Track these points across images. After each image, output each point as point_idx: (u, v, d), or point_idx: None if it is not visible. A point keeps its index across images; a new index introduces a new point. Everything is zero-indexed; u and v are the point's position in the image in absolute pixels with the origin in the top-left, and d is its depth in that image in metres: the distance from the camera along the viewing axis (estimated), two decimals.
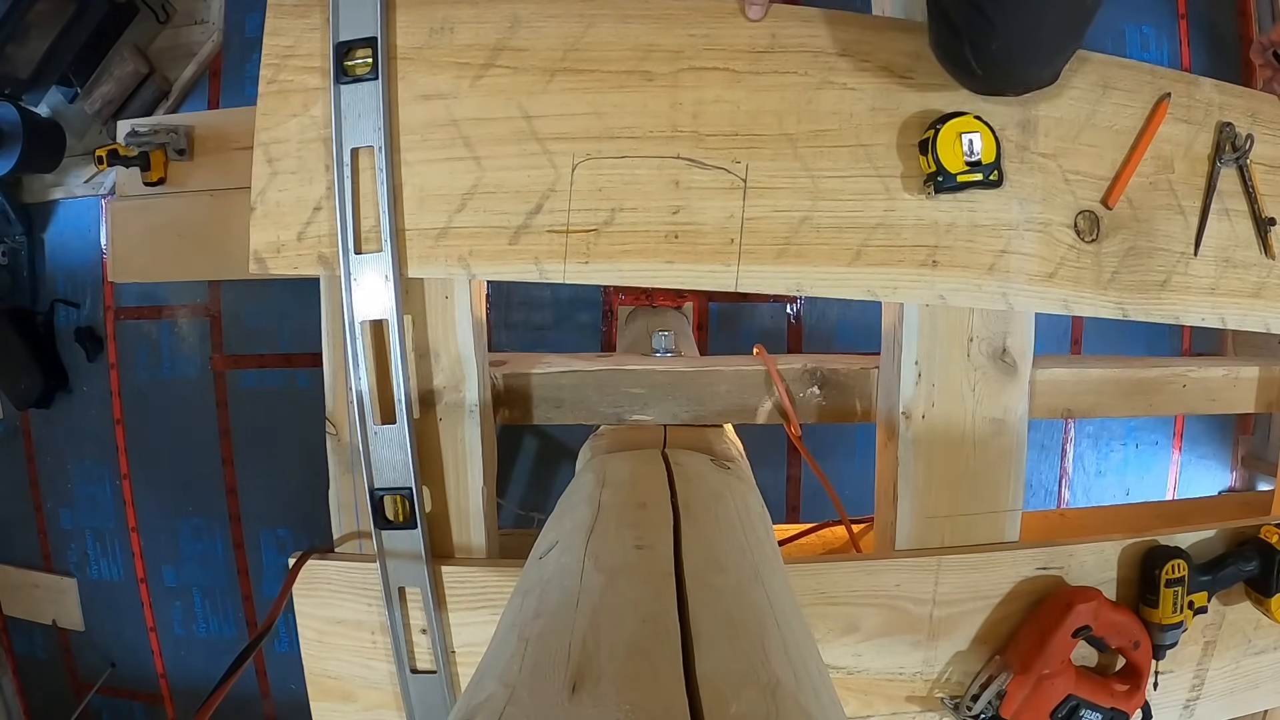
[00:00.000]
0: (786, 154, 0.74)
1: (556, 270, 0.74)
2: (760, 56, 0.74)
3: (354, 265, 0.73)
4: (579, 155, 0.73)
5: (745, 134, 0.74)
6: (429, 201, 0.73)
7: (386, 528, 0.76)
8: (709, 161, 0.74)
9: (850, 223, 0.75)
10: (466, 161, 0.73)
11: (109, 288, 2.68)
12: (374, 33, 0.71)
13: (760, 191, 0.74)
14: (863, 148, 0.75)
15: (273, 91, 0.73)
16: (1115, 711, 0.79)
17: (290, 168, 0.73)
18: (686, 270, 0.74)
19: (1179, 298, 0.84)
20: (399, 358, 0.73)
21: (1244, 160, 0.85)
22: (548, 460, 2.52)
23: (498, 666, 0.34)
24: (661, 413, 0.88)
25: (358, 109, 0.72)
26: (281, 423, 2.60)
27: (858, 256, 0.75)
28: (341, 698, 0.81)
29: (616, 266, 0.74)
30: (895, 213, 0.76)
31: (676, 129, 0.73)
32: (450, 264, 0.74)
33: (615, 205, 0.73)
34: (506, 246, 0.73)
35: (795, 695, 0.32)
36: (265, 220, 0.74)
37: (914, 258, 0.76)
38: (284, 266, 0.74)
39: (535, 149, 0.73)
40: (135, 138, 1.95)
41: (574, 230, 0.73)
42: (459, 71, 0.73)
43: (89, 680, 2.85)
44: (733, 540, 0.53)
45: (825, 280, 0.75)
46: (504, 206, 0.73)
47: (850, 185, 0.75)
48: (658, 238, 0.74)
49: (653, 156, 0.73)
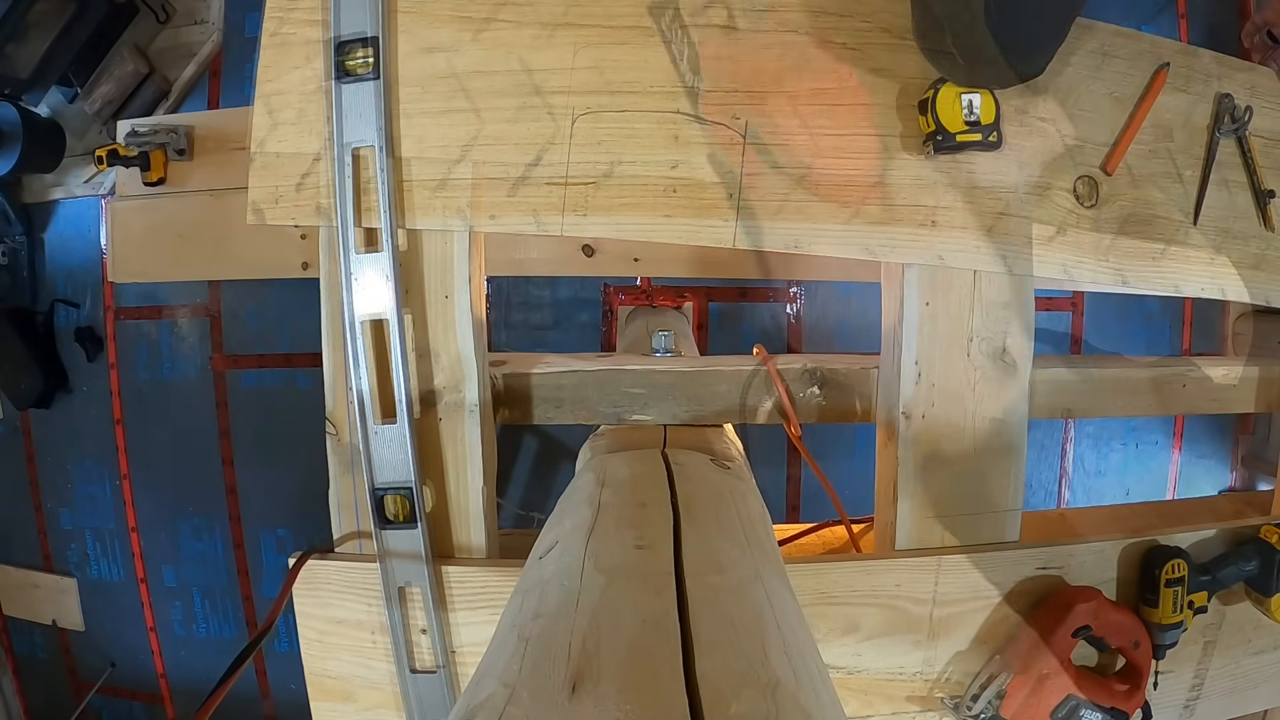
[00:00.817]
0: (786, 111, 0.75)
1: (554, 223, 0.74)
2: (762, 15, 0.75)
3: (354, 264, 0.73)
4: (579, 109, 0.73)
5: (745, 91, 0.74)
6: (428, 153, 0.73)
7: (387, 526, 0.76)
8: (709, 117, 0.74)
9: (849, 180, 0.75)
10: (467, 114, 0.73)
11: (109, 288, 2.68)
12: (375, 32, 0.71)
13: (759, 148, 0.74)
14: (862, 107, 0.75)
15: (275, 44, 0.74)
16: (1115, 711, 0.79)
17: (290, 119, 0.74)
18: (684, 225, 0.74)
19: (1179, 266, 0.84)
20: (399, 356, 0.73)
21: (1243, 132, 0.85)
22: (548, 460, 2.52)
23: (498, 666, 0.34)
24: (661, 413, 0.88)
25: (358, 108, 0.72)
26: (281, 423, 2.60)
27: (856, 214, 0.75)
28: (341, 698, 0.81)
29: (614, 220, 0.74)
30: (894, 172, 0.76)
31: (677, 84, 0.74)
32: (449, 216, 0.74)
33: (614, 159, 0.74)
34: (505, 198, 0.74)
35: (795, 695, 0.32)
36: (264, 171, 0.74)
37: (913, 217, 0.76)
38: (281, 217, 0.75)
39: (536, 102, 0.73)
40: (135, 138, 1.94)
41: (572, 183, 0.73)
42: (461, 25, 0.73)
43: (89, 680, 2.85)
44: (733, 540, 0.53)
45: (823, 237, 0.75)
46: (503, 158, 0.73)
47: (849, 144, 0.75)
48: (656, 192, 0.74)
49: (653, 111, 0.74)
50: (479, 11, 0.73)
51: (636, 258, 1.77)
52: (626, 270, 1.79)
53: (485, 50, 0.73)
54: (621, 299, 2.42)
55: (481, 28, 0.73)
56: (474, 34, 0.73)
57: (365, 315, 0.73)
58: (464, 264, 0.76)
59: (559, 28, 0.73)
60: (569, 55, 0.73)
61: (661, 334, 1.10)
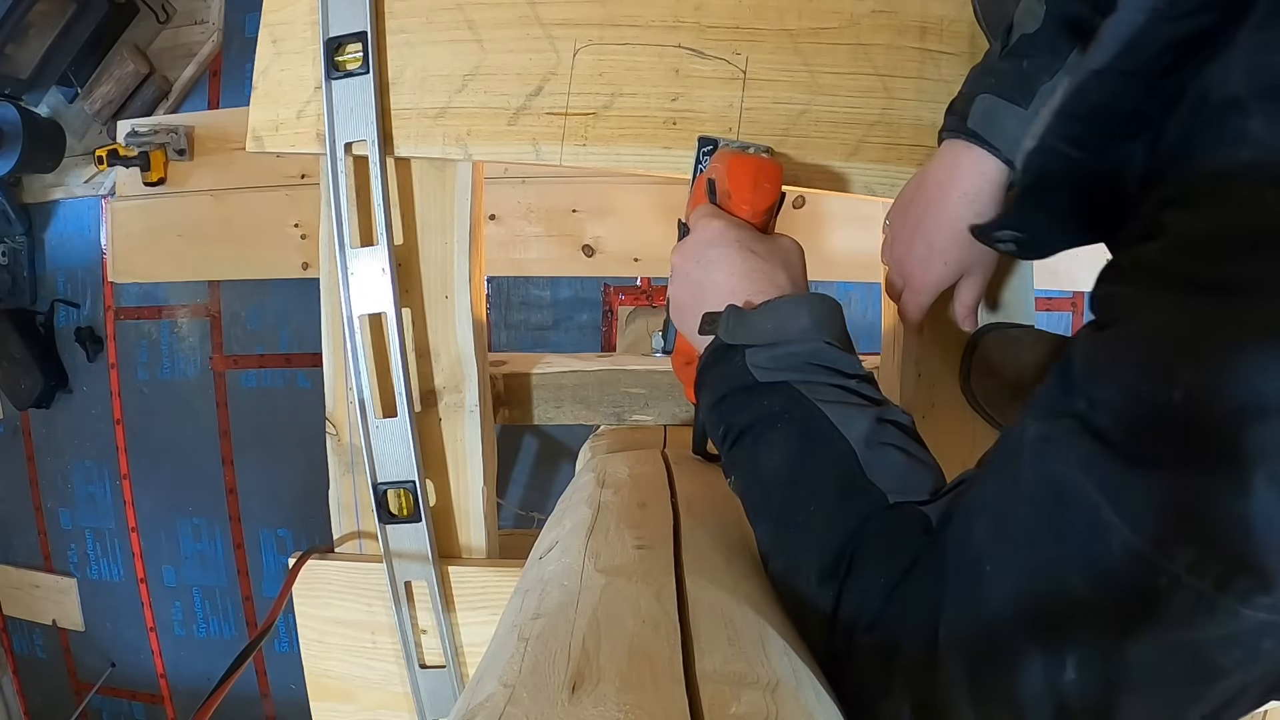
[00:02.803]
0: (787, 48, 0.75)
1: (553, 152, 0.74)
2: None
3: (350, 258, 0.73)
4: (581, 40, 0.74)
5: (746, 27, 0.74)
6: (430, 82, 0.74)
7: (390, 522, 0.76)
8: (710, 52, 0.74)
9: (849, 118, 0.75)
10: (469, 44, 0.74)
11: (109, 288, 2.69)
12: (364, 27, 0.72)
13: (759, 84, 0.74)
14: (862, 47, 0.75)
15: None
16: None
17: (294, 48, 0.75)
18: (683, 157, 0.74)
19: None
20: (398, 351, 0.73)
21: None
22: (548, 460, 2.52)
23: (497, 666, 0.34)
24: (661, 413, 0.88)
25: (349, 103, 0.72)
26: (281, 423, 2.60)
27: (855, 151, 0.76)
28: (341, 698, 0.81)
29: (614, 151, 0.74)
30: (894, 111, 0.76)
31: (678, 19, 0.74)
32: (448, 143, 0.74)
33: (615, 90, 0.74)
34: (505, 127, 0.74)
35: (795, 695, 0.32)
36: (265, 99, 0.76)
37: (913, 157, 0.76)
38: (281, 144, 0.75)
39: (538, 33, 0.74)
40: (135, 138, 1.95)
41: (573, 113, 0.74)
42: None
43: (89, 680, 2.85)
44: (733, 540, 0.53)
45: (822, 174, 0.76)
46: (504, 88, 0.74)
47: (849, 83, 0.75)
48: (656, 123, 0.74)
49: (654, 45, 0.74)
50: None
51: (637, 258, 1.77)
52: (626, 270, 1.79)
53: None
54: (621, 299, 2.42)
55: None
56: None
57: (363, 311, 0.73)
58: (465, 200, 0.76)
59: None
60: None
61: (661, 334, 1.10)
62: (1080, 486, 0.32)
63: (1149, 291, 0.34)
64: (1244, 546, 0.28)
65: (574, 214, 1.76)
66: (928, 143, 0.76)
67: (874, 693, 0.38)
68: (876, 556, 0.40)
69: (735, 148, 0.70)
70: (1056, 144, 0.45)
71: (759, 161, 0.60)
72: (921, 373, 0.80)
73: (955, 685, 0.35)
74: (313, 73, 0.74)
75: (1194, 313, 0.31)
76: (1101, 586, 0.31)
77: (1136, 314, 0.34)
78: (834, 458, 0.43)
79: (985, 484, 0.38)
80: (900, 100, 0.76)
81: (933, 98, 0.75)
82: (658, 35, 0.74)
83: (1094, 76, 0.42)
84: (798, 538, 0.43)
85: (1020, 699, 0.33)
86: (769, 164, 0.60)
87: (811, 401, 0.46)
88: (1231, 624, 0.28)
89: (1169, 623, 0.29)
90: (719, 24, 0.74)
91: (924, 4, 0.75)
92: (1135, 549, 0.30)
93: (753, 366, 0.48)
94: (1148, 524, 0.30)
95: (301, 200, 1.88)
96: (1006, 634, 0.33)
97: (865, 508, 0.41)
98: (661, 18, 0.74)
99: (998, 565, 0.35)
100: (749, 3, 0.74)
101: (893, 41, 0.76)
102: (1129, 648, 0.30)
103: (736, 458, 0.49)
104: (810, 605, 0.41)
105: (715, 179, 0.61)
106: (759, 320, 0.49)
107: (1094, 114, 0.43)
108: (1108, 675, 0.31)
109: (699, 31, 0.74)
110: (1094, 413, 0.33)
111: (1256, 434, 0.27)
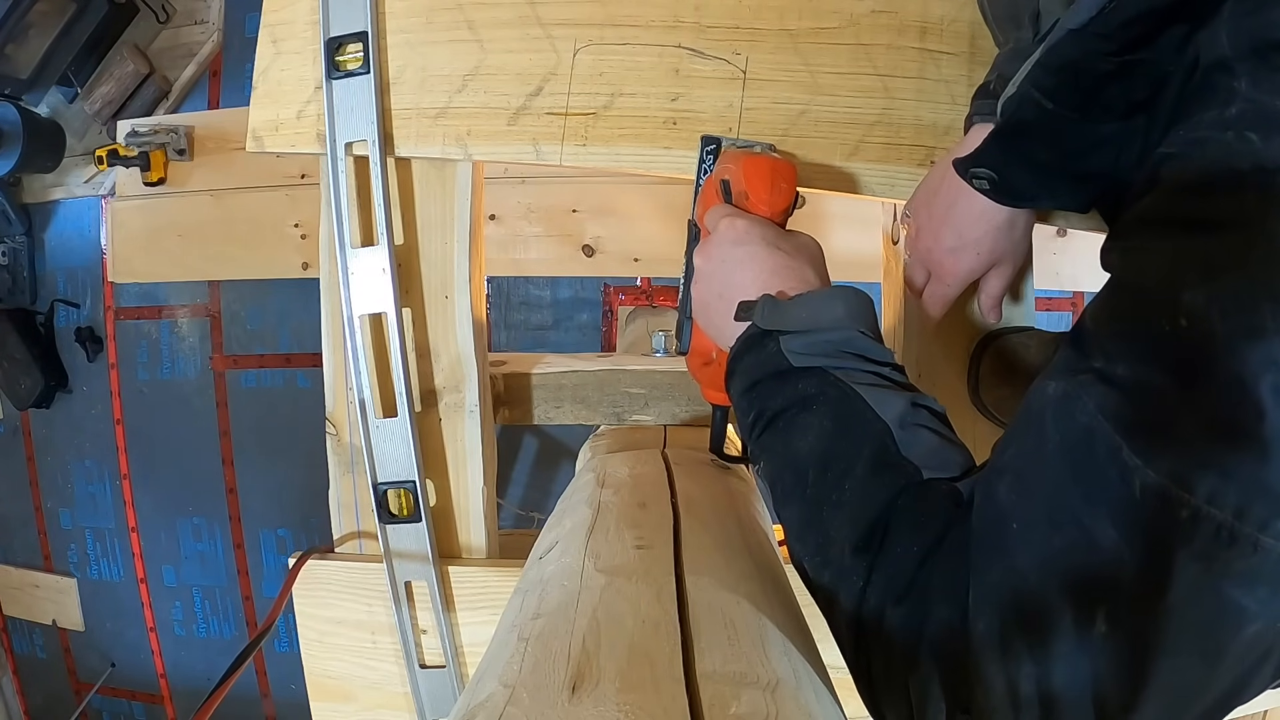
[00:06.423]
0: (787, 48, 0.75)
1: (553, 152, 0.74)
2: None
3: (350, 258, 0.73)
4: (581, 40, 0.74)
5: (746, 27, 0.74)
6: (430, 82, 0.74)
7: (391, 522, 0.76)
8: (710, 52, 0.74)
9: (848, 118, 0.75)
10: (469, 44, 0.74)
11: (109, 288, 2.68)
12: (364, 27, 0.72)
13: (759, 84, 0.74)
14: (862, 47, 0.75)
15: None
16: None
17: (295, 48, 0.75)
18: (683, 157, 0.74)
19: None
20: (398, 351, 0.73)
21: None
22: (548, 460, 2.52)
23: (497, 666, 0.34)
24: (661, 413, 0.88)
25: (349, 103, 0.72)
26: (281, 423, 2.60)
27: (855, 151, 0.76)
28: (341, 698, 0.81)
29: (614, 150, 0.74)
30: (894, 111, 0.76)
31: (678, 19, 0.74)
32: (448, 143, 0.74)
33: (615, 90, 0.74)
34: (505, 127, 0.74)
35: (795, 695, 0.32)
36: (265, 99, 0.75)
37: (912, 156, 0.76)
38: (281, 144, 0.75)
39: (538, 33, 0.74)
40: (135, 138, 1.95)
41: (573, 113, 0.74)
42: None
43: (89, 680, 2.85)
44: (733, 540, 0.53)
45: (822, 174, 0.76)
46: (504, 88, 0.74)
47: (849, 83, 0.75)
48: (656, 123, 0.74)
49: (654, 45, 0.74)
50: None
51: (637, 258, 1.77)
52: (626, 270, 1.79)
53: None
54: (621, 299, 2.42)
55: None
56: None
57: (364, 311, 0.73)
58: (465, 200, 0.76)
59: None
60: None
61: (661, 334, 1.10)
62: (1102, 433, 0.32)
63: (1145, 239, 0.36)
64: (1258, 467, 0.28)
65: (574, 214, 1.76)
66: (928, 142, 0.76)
67: (901, 667, 0.38)
68: (910, 527, 0.40)
69: (739, 146, 0.70)
70: (1030, 92, 0.48)
71: (774, 162, 0.60)
72: (922, 373, 0.80)
73: (985, 649, 0.34)
74: (313, 73, 0.74)
75: (1187, 248, 0.32)
76: (1127, 534, 0.31)
77: (1136, 259, 0.36)
78: (869, 436, 0.44)
79: (1008, 446, 0.39)
80: (900, 100, 0.76)
81: (933, 98, 0.75)
82: (658, 35, 0.74)
83: (1069, 35, 0.44)
84: (832, 514, 0.43)
85: (1051, 657, 0.32)
86: (784, 164, 0.60)
87: (847, 384, 0.46)
88: (1253, 557, 0.29)
89: (1193, 560, 0.29)
90: (719, 24, 0.74)
91: (924, 4, 0.75)
92: (1155, 486, 0.30)
93: (788, 352, 0.48)
94: (1165, 458, 0.30)
95: (301, 200, 1.88)
96: (1036, 591, 0.33)
97: (900, 481, 0.42)
98: (661, 18, 0.74)
99: (1025, 522, 0.35)
100: (749, 3, 0.74)
101: (893, 41, 0.76)
102: (1155, 597, 0.30)
103: (767, 442, 0.49)
104: (843, 578, 0.42)
105: (730, 180, 0.61)
106: (794, 309, 0.49)
107: (1066, 68, 0.45)
108: (1136, 627, 0.31)
109: (699, 31, 0.74)
110: (1110, 364, 0.33)
111: (1259, 351, 0.28)
